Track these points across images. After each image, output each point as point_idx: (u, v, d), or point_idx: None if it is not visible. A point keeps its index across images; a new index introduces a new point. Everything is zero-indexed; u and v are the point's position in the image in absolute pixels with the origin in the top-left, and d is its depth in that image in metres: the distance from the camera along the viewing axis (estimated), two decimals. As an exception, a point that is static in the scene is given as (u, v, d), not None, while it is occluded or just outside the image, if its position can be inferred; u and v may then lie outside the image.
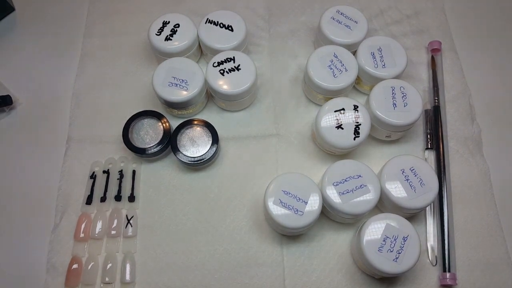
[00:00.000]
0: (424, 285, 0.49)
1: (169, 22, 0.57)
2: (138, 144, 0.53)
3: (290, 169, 0.54)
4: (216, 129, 0.53)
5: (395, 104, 0.51)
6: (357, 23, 0.57)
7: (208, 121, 0.54)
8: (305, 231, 0.51)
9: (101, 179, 0.54)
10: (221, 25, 0.57)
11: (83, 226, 0.51)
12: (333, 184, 0.47)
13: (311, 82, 0.54)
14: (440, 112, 0.57)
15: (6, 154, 0.56)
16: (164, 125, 0.54)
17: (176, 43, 0.56)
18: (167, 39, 0.56)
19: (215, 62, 0.54)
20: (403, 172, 0.48)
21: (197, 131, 0.54)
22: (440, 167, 0.54)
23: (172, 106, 0.54)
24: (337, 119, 0.50)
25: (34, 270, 0.50)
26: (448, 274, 0.48)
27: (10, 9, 0.66)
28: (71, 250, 0.50)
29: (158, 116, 0.54)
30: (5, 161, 0.56)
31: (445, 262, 0.49)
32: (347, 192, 0.46)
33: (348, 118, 0.50)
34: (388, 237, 0.44)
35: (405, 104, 0.51)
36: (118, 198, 0.53)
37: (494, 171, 0.55)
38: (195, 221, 0.52)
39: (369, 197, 0.46)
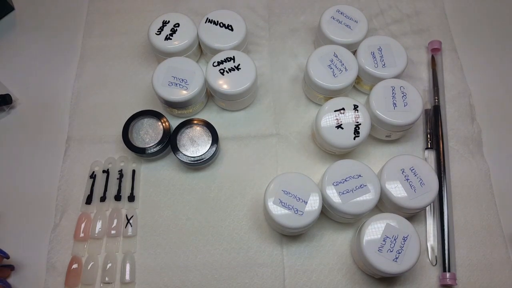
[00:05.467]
0: (424, 285, 0.49)
1: (169, 21, 0.57)
2: (138, 144, 0.53)
3: (290, 169, 0.54)
4: (216, 129, 0.53)
5: (395, 103, 0.51)
6: (357, 22, 0.57)
7: (208, 120, 0.54)
8: (305, 231, 0.51)
9: (101, 179, 0.54)
10: (221, 25, 0.57)
11: (83, 225, 0.51)
12: (333, 184, 0.47)
13: (311, 82, 0.54)
14: (440, 112, 0.57)
15: (6, 154, 0.56)
16: (164, 124, 0.54)
17: (176, 43, 0.56)
18: (167, 38, 0.56)
19: (215, 62, 0.54)
20: (403, 172, 0.48)
21: (197, 130, 0.54)
22: (440, 167, 0.54)
23: (172, 105, 0.54)
24: (337, 119, 0.50)
25: (34, 270, 0.50)
26: (448, 274, 0.48)
27: (9, 8, 0.65)
28: (71, 250, 0.50)
29: (158, 115, 0.54)
30: (4, 161, 0.56)
31: (445, 262, 0.49)
32: (347, 192, 0.46)
33: (348, 118, 0.50)
34: (388, 237, 0.44)
35: (405, 104, 0.51)
36: (118, 197, 0.53)
37: (494, 171, 0.55)
38: (195, 221, 0.52)
39: (369, 197, 0.46)
